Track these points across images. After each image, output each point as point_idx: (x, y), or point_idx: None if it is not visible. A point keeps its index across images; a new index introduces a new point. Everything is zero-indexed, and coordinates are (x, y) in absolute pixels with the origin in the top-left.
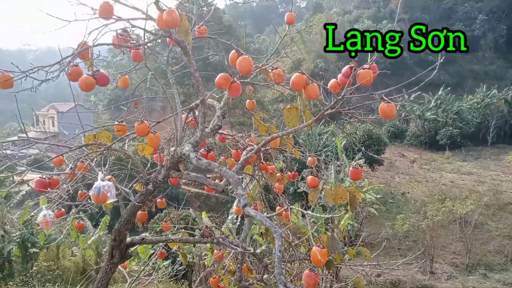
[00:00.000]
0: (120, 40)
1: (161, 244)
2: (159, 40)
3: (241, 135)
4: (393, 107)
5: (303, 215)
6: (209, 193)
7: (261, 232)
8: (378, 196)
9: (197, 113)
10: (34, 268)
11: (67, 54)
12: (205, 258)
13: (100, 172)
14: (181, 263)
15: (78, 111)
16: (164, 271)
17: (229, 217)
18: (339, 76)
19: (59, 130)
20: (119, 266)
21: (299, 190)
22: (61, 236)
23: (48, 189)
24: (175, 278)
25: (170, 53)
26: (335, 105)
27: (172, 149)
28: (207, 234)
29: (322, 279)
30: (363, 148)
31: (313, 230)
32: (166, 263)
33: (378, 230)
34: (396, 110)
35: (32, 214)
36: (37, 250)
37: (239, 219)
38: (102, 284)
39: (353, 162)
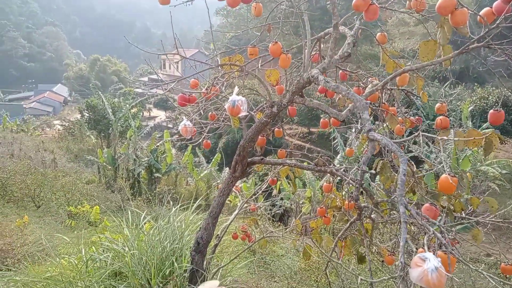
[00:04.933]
0: None
1: (276, 167)
2: None
3: (363, 72)
4: None
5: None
6: (311, 147)
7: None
8: (504, 171)
9: (322, 46)
10: (157, 189)
11: None
12: (303, 206)
13: (236, 87)
14: (280, 206)
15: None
16: (264, 210)
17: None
18: (496, 2)
19: (182, 73)
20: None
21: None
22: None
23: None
24: (272, 219)
25: None
26: (485, 37)
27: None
28: (321, 164)
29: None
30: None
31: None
32: (267, 203)
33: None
34: None
35: (158, 144)
36: (160, 175)
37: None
38: (224, 194)
39: (479, 130)
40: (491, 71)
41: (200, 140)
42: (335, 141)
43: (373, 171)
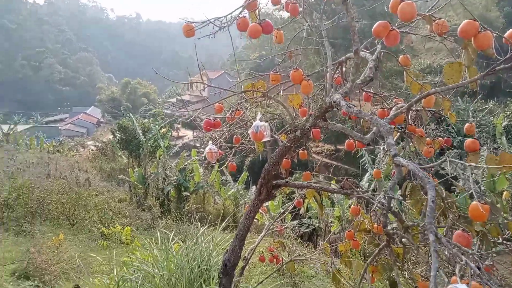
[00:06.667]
0: None
1: (300, 192)
2: None
3: (387, 94)
4: None
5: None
6: (339, 165)
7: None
8: None
9: (344, 69)
10: (186, 208)
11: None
12: (331, 225)
13: (259, 113)
14: (308, 226)
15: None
16: (291, 229)
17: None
18: None
19: (208, 94)
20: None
21: (441, 172)
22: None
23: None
24: (300, 239)
25: (323, 7)
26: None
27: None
28: (348, 186)
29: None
30: None
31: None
32: (294, 222)
33: None
34: None
35: (186, 163)
36: (188, 194)
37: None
38: (250, 216)
39: None
40: None
41: (227, 163)
42: (363, 159)
43: (400, 197)
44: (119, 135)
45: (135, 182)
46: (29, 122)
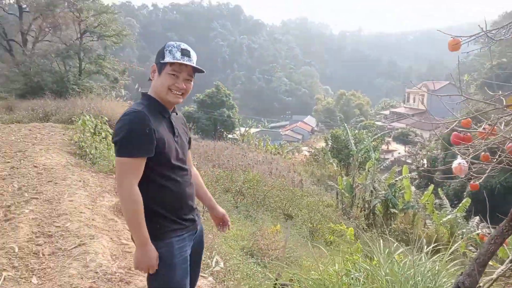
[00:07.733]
0: None
1: None
2: None
3: None
4: None
5: None
6: None
7: None
8: None
9: None
10: (393, 225)
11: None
12: None
13: None
14: None
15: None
16: None
17: None
18: None
19: (428, 107)
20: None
21: None
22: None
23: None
24: None
25: None
26: None
27: None
28: None
29: None
30: None
31: None
32: None
33: None
34: None
35: (396, 179)
36: (396, 212)
37: None
38: (495, 242)
39: None
40: None
41: (472, 182)
42: None
43: None
44: (331, 143)
45: (343, 190)
46: (258, 126)
